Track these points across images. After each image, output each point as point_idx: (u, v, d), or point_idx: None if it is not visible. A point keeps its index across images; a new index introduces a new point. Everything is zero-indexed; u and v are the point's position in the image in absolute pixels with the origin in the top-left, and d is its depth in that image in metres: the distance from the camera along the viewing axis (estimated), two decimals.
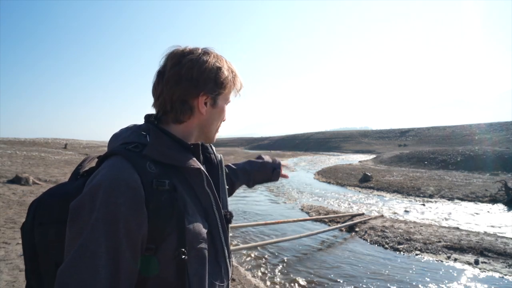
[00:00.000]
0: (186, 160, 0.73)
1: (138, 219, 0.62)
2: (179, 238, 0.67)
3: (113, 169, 0.63)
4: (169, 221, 0.65)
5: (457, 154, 17.77)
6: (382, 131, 57.56)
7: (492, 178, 12.25)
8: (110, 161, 0.66)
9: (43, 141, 32.77)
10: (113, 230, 0.59)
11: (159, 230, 0.64)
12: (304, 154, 39.75)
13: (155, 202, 0.64)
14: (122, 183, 0.61)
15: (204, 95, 0.76)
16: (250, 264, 5.00)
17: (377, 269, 4.73)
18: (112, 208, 0.60)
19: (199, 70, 0.75)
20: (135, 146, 0.70)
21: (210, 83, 0.76)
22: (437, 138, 42.74)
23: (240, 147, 63.95)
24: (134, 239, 0.61)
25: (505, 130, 37.74)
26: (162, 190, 0.65)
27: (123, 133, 0.77)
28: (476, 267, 4.67)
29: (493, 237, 5.64)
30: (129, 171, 0.63)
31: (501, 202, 8.75)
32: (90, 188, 0.62)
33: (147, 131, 0.75)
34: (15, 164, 11.64)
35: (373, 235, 6.19)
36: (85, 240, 0.58)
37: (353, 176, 14.55)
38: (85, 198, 0.61)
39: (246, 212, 8.61)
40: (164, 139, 0.73)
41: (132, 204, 0.61)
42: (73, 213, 0.61)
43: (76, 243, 0.58)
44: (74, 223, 0.60)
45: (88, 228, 0.58)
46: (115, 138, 0.78)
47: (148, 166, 0.67)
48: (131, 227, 0.61)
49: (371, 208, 8.83)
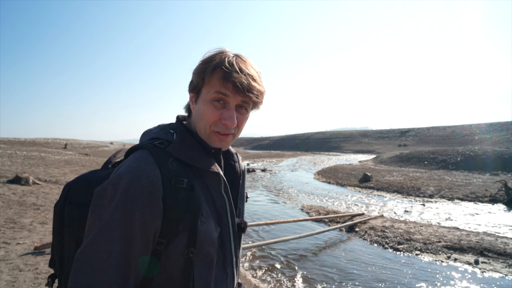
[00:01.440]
0: (206, 163, 0.75)
1: (153, 212, 0.64)
2: (189, 237, 0.68)
3: (137, 162, 0.66)
4: (182, 219, 0.67)
5: (457, 154, 17.77)
6: (382, 131, 57.56)
7: (492, 178, 12.25)
8: (136, 154, 0.70)
9: (43, 141, 32.79)
10: (129, 219, 0.62)
11: (172, 226, 0.66)
12: (304, 154, 39.75)
13: (171, 198, 0.66)
14: (143, 175, 0.64)
15: (191, 91, 0.80)
16: (250, 264, 4.99)
17: (377, 269, 4.73)
18: (130, 198, 0.62)
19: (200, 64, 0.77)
20: (161, 143, 0.73)
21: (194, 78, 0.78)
22: (437, 138, 42.74)
23: (240, 147, 63.96)
24: (148, 230, 0.64)
25: (505, 130, 37.74)
26: (179, 188, 0.67)
27: (153, 130, 0.81)
28: (476, 267, 4.67)
29: (493, 237, 5.64)
30: (151, 165, 0.66)
31: (501, 202, 8.75)
32: (113, 177, 0.65)
33: (175, 129, 0.78)
34: (15, 164, 11.64)
35: (373, 235, 6.19)
36: (102, 226, 0.61)
37: (353, 176, 14.56)
38: (107, 186, 0.64)
39: (246, 212, 8.60)
40: (188, 139, 0.76)
41: (150, 197, 0.64)
42: (96, 199, 0.64)
43: (94, 228, 0.62)
44: (95, 208, 0.64)
45: (107, 215, 0.62)
46: (145, 134, 0.82)
47: (170, 163, 0.69)
48: (146, 219, 0.63)
49: (371, 208, 8.83)
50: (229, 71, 0.71)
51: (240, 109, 0.77)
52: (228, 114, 0.74)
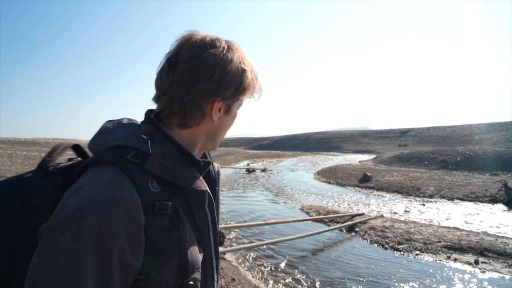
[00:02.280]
0: (192, 180, 0.61)
1: (135, 250, 0.51)
2: (181, 268, 0.57)
3: (108, 185, 0.50)
4: (165, 249, 0.55)
5: (457, 154, 17.77)
6: (382, 131, 57.57)
7: (492, 178, 12.24)
8: (103, 172, 0.53)
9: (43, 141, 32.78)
10: (106, 264, 0.47)
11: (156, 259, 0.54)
12: (304, 154, 39.75)
13: (154, 228, 0.53)
14: (120, 205, 0.49)
15: (221, 100, 0.64)
16: (250, 264, 5.00)
17: (377, 269, 4.73)
18: (106, 237, 0.47)
19: (222, 71, 0.62)
20: (135, 155, 0.56)
21: (231, 88, 0.64)
22: (437, 138, 42.75)
23: (240, 147, 63.97)
24: (127, 272, 0.50)
25: (505, 130, 37.74)
26: (163, 214, 0.54)
27: (117, 132, 0.62)
28: (476, 267, 4.67)
29: (493, 237, 5.64)
30: (129, 190, 0.51)
31: (501, 202, 8.75)
32: (74, 208, 0.47)
33: (149, 135, 0.61)
34: (15, 164, 11.65)
35: (373, 235, 6.19)
36: (68, 276, 0.44)
37: (353, 176, 14.55)
38: (67, 221, 0.46)
39: (246, 212, 8.62)
40: (170, 151, 0.61)
41: (130, 233, 0.50)
42: (50, 238, 0.46)
43: (52, 279, 0.44)
44: (50, 251, 0.45)
45: (73, 262, 0.45)
46: (104, 134, 0.62)
47: (151, 184, 0.55)
48: (126, 260, 0.49)
49: (371, 208, 8.83)
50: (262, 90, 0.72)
51: None
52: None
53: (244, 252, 5.42)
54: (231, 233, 6.55)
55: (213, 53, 0.61)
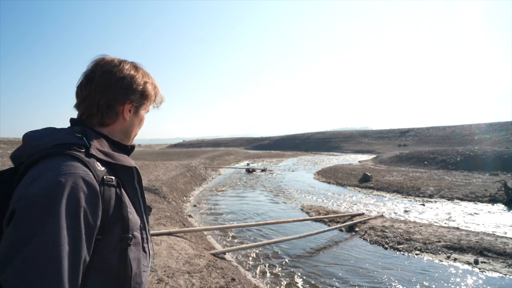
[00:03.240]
0: (124, 159, 0.82)
1: (96, 213, 0.67)
2: (123, 226, 0.74)
3: (66, 167, 0.65)
4: (115, 213, 0.72)
5: (457, 154, 17.77)
6: (382, 131, 57.54)
7: (491, 178, 12.25)
8: (56, 160, 0.67)
9: None
10: (75, 224, 0.62)
11: (107, 221, 0.70)
12: (304, 154, 39.74)
13: (106, 197, 0.70)
14: (80, 179, 0.65)
15: (129, 103, 0.86)
16: (250, 264, 5.00)
17: (377, 269, 4.73)
18: (73, 203, 0.62)
19: (129, 81, 0.85)
20: (78, 147, 0.72)
21: (137, 94, 0.87)
22: (437, 138, 42.73)
23: (240, 147, 63.93)
24: (91, 231, 0.66)
25: (505, 130, 37.74)
26: (110, 185, 0.72)
27: (52, 135, 0.75)
28: (475, 267, 4.67)
29: (492, 237, 5.64)
30: (83, 169, 0.68)
31: (500, 202, 8.75)
32: (43, 186, 0.61)
33: (81, 133, 0.77)
34: None
35: (373, 235, 6.20)
36: (47, 236, 0.57)
37: (353, 176, 14.56)
38: (40, 197, 0.60)
39: (246, 212, 8.62)
40: (102, 141, 0.80)
41: (91, 199, 0.66)
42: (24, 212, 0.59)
43: (33, 241, 0.57)
44: (27, 223, 0.58)
45: (49, 228, 0.58)
46: (36, 140, 0.74)
47: (97, 165, 0.72)
48: (89, 221, 0.65)
49: (371, 208, 8.83)
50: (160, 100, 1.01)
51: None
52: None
53: (244, 252, 5.42)
54: (231, 233, 6.55)
55: (122, 69, 0.85)
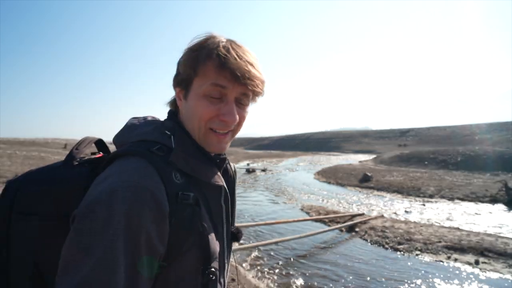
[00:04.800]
0: (211, 175, 0.65)
1: (160, 235, 0.53)
2: (199, 254, 0.59)
3: (136, 173, 0.53)
4: (188, 238, 0.57)
5: (457, 154, 17.77)
6: (382, 131, 57.58)
7: (492, 178, 12.24)
8: (130, 161, 0.56)
9: (43, 141, 32.79)
10: (134, 247, 0.49)
11: (175, 246, 0.56)
12: (304, 154, 39.76)
13: (177, 217, 0.55)
14: (147, 192, 0.52)
15: (177, 86, 0.68)
16: (250, 264, 4.99)
17: (377, 269, 4.72)
18: (134, 220, 0.49)
19: (184, 54, 0.65)
20: (159, 149, 0.60)
21: (181, 70, 0.65)
22: (437, 138, 42.75)
23: (240, 147, 63.94)
24: (154, 256, 0.53)
25: (505, 130, 37.74)
26: (185, 204, 0.57)
27: (143, 127, 0.66)
28: (476, 267, 4.66)
29: (493, 237, 5.63)
30: (155, 179, 0.54)
31: (501, 202, 8.74)
32: (104, 193, 0.50)
33: (172, 130, 0.64)
34: (15, 164, 11.65)
35: (373, 235, 6.19)
36: (100, 258, 0.46)
37: (353, 176, 14.55)
38: (99, 206, 0.50)
39: (246, 212, 8.61)
40: (188, 145, 0.64)
41: (156, 218, 0.52)
42: (82, 222, 0.49)
43: (85, 261, 0.46)
44: (83, 235, 0.48)
45: (104, 244, 0.47)
46: (130, 130, 0.66)
47: (174, 176, 0.58)
48: (153, 244, 0.52)
49: (371, 208, 8.82)
50: (226, 57, 0.59)
51: (239, 103, 0.65)
52: (228, 109, 0.62)
53: (244, 252, 5.41)
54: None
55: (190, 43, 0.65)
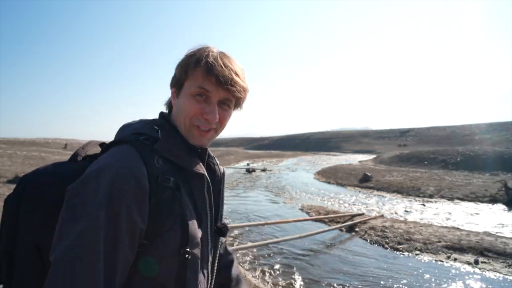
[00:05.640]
0: (193, 164, 0.73)
1: (140, 210, 0.60)
2: (182, 236, 0.64)
3: (121, 156, 0.62)
4: (167, 219, 0.63)
5: (457, 154, 17.77)
6: (382, 131, 57.57)
7: (492, 178, 12.24)
8: (118, 148, 0.66)
9: (43, 141, 32.78)
10: (115, 217, 0.56)
11: (156, 226, 0.62)
12: (304, 154, 39.76)
13: (157, 197, 0.62)
14: (128, 171, 0.60)
15: (172, 87, 0.78)
16: (250, 264, 5.00)
17: (377, 269, 4.73)
18: (116, 194, 0.57)
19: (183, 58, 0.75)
20: (146, 138, 0.69)
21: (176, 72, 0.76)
22: (437, 138, 42.75)
23: (240, 147, 63.94)
24: (134, 228, 0.59)
25: (505, 130, 37.74)
26: (165, 187, 0.64)
27: (135, 124, 0.76)
28: (476, 267, 4.67)
29: (493, 237, 5.63)
30: (137, 161, 0.62)
31: (501, 202, 8.75)
32: (93, 171, 0.60)
33: (160, 126, 0.74)
34: (15, 164, 11.65)
35: (373, 235, 6.19)
36: (85, 225, 0.54)
37: (353, 176, 14.55)
38: (88, 180, 0.58)
39: (246, 212, 8.61)
40: (174, 137, 0.73)
41: (137, 194, 0.59)
42: (73, 196, 0.57)
43: (73, 229, 0.54)
44: (73, 206, 0.56)
45: (89, 213, 0.55)
46: (125, 128, 0.77)
47: (156, 161, 0.66)
48: (133, 217, 0.58)
49: (371, 208, 8.83)
50: (213, 64, 0.70)
51: (223, 105, 0.75)
52: (210, 109, 0.72)
53: (244, 252, 5.42)
54: (231, 233, 6.55)
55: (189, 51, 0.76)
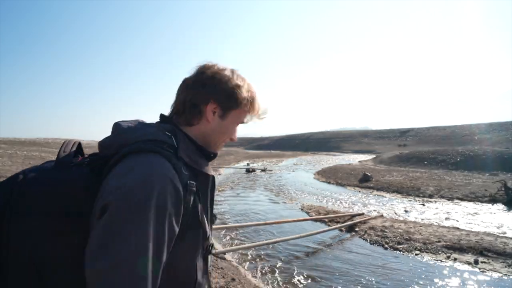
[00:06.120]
0: (206, 167, 0.81)
1: (177, 218, 0.64)
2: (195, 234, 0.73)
3: (158, 166, 0.64)
4: (190, 220, 0.70)
5: (457, 154, 17.78)
6: (382, 131, 57.55)
7: (491, 178, 12.25)
8: (148, 157, 0.65)
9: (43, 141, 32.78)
10: (162, 229, 0.59)
11: (182, 228, 0.67)
12: (304, 154, 39.76)
13: (186, 202, 0.67)
14: (170, 182, 0.63)
15: (213, 103, 0.80)
16: (250, 264, 5.00)
17: (377, 269, 4.73)
18: (162, 205, 0.60)
19: (216, 80, 0.80)
20: (168, 146, 0.71)
21: (223, 94, 0.80)
22: (437, 138, 42.73)
23: (240, 147, 63.94)
24: (172, 237, 0.64)
25: (505, 130, 37.73)
26: (191, 191, 0.69)
27: (144, 128, 0.74)
28: (475, 267, 4.67)
29: (492, 237, 5.64)
30: (172, 172, 0.65)
31: (500, 202, 8.75)
32: (139, 181, 0.59)
33: (171, 132, 0.75)
34: (16, 164, 11.65)
35: (373, 235, 6.20)
36: (138, 239, 0.56)
37: (353, 176, 14.56)
38: (135, 192, 0.58)
39: (246, 212, 8.62)
40: (189, 144, 0.78)
41: (176, 203, 0.63)
42: (120, 208, 0.57)
43: (122, 240, 0.55)
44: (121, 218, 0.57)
45: (138, 229, 0.56)
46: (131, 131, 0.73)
47: (183, 168, 0.70)
48: (173, 226, 0.63)
49: (371, 208, 8.84)
50: (260, 113, 0.89)
51: None
52: (236, 134, 0.91)
53: (244, 252, 5.43)
54: (231, 233, 6.55)
55: (215, 70, 0.81)
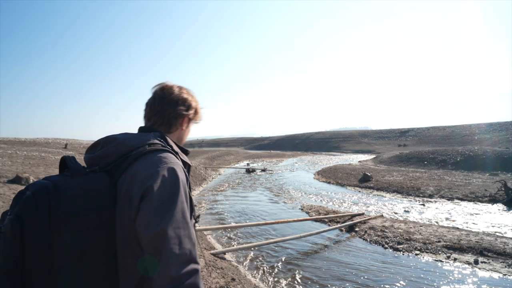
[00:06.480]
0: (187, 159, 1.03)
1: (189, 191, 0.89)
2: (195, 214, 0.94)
3: (173, 159, 0.88)
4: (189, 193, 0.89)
5: (456, 154, 17.77)
6: (382, 131, 57.50)
7: (491, 178, 12.25)
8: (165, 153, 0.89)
9: (43, 141, 32.76)
10: (186, 196, 0.84)
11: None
12: (304, 154, 39.74)
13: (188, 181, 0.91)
14: (182, 168, 0.89)
15: (187, 117, 1.10)
16: (250, 264, 5.01)
17: (377, 269, 4.74)
18: (185, 188, 0.85)
19: (189, 101, 1.10)
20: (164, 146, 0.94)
21: (193, 111, 1.12)
22: (437, 138, 42.72)
23: (240, 147, 63.91)
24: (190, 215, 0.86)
25: (505, 130, 37.72)
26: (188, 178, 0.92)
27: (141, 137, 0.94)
28: (475, 267, 4.68)
29: (492, 237, 5.65)
30: (180, 162, 0.91)
31: (500, 202, 8.76)
32: (168, 170, 0.83)
33: (161, 137, 0.98)
34: (16, 164, 11.65)
35: (373, 235, 6.21)
36: (178, 203, 0.79)
37: (353, 176, 14.56)
38: (168, 180, 0.81)
39: (246, 212, 8.63)
40: (174, 144, 1.01)
41: (186, 182, 0.88)
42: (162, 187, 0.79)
43: (171, 206, 0.78)
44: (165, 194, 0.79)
45: (179, 204, 0.80)
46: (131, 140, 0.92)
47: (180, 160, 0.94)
48: (188, 195, 0.86)
49: (371, 208, 8.84)
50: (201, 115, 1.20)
51: None
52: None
53: (244, 252, 5.43)
54: (231, 233, 6.56)
55: (183, 92, 1.10)
